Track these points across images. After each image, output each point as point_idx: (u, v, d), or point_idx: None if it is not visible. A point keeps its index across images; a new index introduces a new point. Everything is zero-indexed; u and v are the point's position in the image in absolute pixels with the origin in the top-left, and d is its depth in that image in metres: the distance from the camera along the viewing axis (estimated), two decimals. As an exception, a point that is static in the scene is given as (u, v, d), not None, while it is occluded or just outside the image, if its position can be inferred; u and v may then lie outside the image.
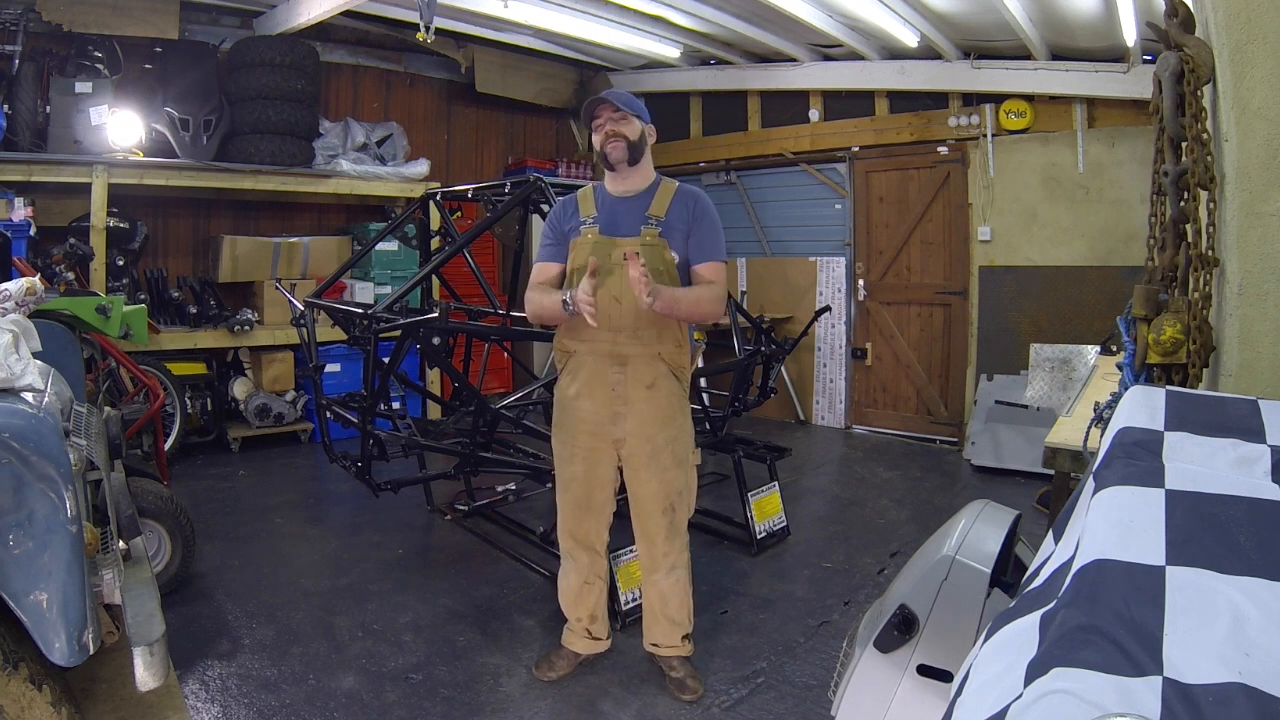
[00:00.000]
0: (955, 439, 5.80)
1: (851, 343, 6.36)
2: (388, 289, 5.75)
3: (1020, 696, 0.78)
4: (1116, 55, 4.83)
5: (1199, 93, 1.75)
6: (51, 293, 3.28)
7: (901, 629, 1.50)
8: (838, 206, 6.38)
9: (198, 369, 5.22)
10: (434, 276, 3.96)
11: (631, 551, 3.05)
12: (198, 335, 5.16)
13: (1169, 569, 0.88)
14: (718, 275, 2.37)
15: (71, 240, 4.53)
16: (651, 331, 2.35)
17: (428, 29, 4.19)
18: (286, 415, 5.47)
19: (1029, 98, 5.31)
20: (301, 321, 3.60)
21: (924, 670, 1.48)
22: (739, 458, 3.79)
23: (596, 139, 2.40)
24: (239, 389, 5.43)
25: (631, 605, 3.00)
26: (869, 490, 4.86)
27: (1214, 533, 0.93)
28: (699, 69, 6.77)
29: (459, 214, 6.05)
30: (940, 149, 5.75)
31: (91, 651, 1.71)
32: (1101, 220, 5.12)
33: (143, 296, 5.02)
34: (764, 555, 3.72)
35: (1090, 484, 1.12)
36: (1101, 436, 1.34)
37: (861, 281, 6.24)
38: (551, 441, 2.59)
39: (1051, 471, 2.12)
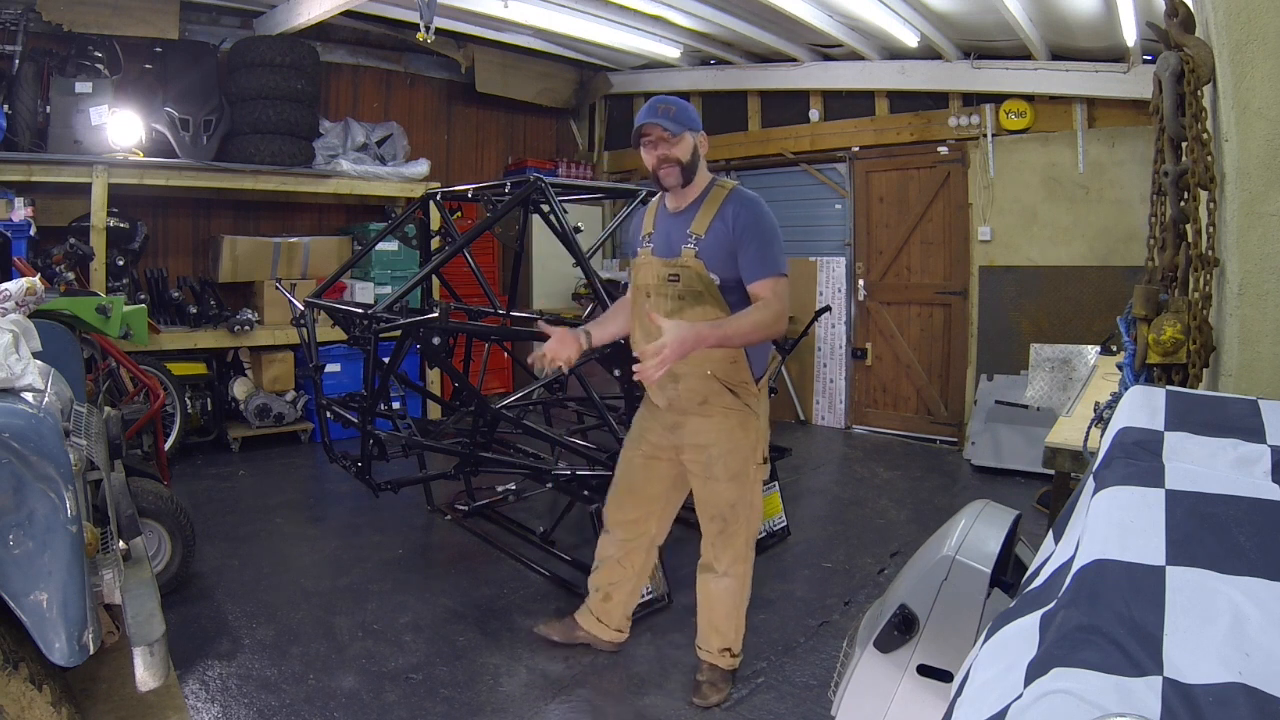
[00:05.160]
0: (955, 439, 5.80)
1: (851, 343, 6.36)
2: (388, 289, 5.75)
3: (1020, 696, 0.78)
4: (1116, 55, 4.83)
5: (1199, 93, 1.74)
6: (51, 293, 3.29)
7: (901, 629, 1.51)
8: (838, 206, 6.38)
9: (198, 369, 5.22)
10: (434, 276, 3.96)
11: None
12: (198, 335, 5.16)
13: (1169, 569, 0.88)
14: (772, 291, 2.22)
15: (71, 240, 4.53)
16: (699, 351, 2.26)
17: (428, 29, 4.19)
18: (286, 415, 5.47)
19: (1029, 98, 5.30)
20: (301, 321, 3.60)
21: (924, 670, 1.48)
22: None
23: (647, 159, 2.31)
24: (239, 389, 5.43)
25: (640, 600, 2.99)
26: (869, 490, 4.86)
27: (1214, 533, 0.93)
28: (699, 69, 6.76)
29: (459, 214, 6.05)
30: (940, 149, 5.75)
31: (91, 651, 1.71)
32: (1101, 220, 5.12)
33: (143, 296, 5.01)
34: (764, 555, 3.71)
35: (1090, 484, 1.12)
36: (1101, 436, 1.34)
37: (861, 281, 6.24)
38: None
39: (1051, 471, 2.13)
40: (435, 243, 4.54)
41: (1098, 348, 4.17)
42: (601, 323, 2.58)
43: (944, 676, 1.46)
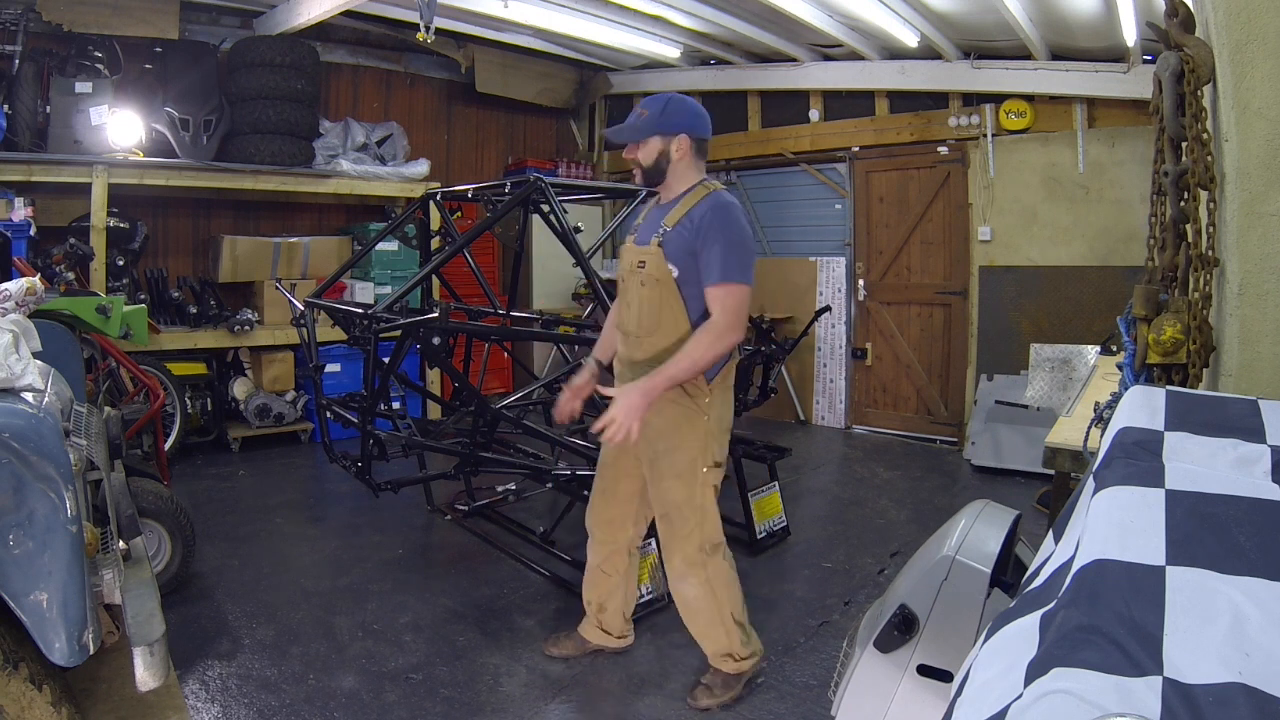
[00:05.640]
0: (955, 439, 5.79)
1: (851, 343, 6.36)
2: (388, 289, 5.75)
3: (1020, 696, 0.78)
4: (1116, 55, 4.83)
5: (1199, 93, 1.75)
6: (51, 293, 3.28)
7: (901, 629, 1.51)
8: (838, 206, 6.38)
9: (198, 369, 5.22)
10: (434, 276, 3.96)
11: (650, 546, 3.05)
12: (198, 335, 5.16)
13: (1169, 569, 0.88)
14: (722, 302, 2.23)
15: (71, 240, 4.53)
16: (654, 339, 2.34)
17: (428, 29, 4.19)
18: (286, 415, 5.47)
19: (1029, 98, 5.30)
20: (301, 321, 3.60)
21: (924, 670, 1.48)
22: (739, 458, 3.79)
23: None
24: (239, 389, 5.43)
25: (640, 600, 3.00)
26: (869, 490, 4.86)
27: (1214, 533, 0.93)
28: (699, 69, 6.76)
29: (459, 214, 6.05)
30: (940, 149, 5.75)
31: (91, 651, 1.71)
32: (1101, 220, 5.12)
33: (143, 296, 5.01)
34: (764, 555, 3.72)
35: (1090, 484, 1.12)
36: (1101, 436, 1.34)
37: (861, 281, 6.24)
38: None
39: (1051, 471, 2.12)
40: (435, 243, 4.53)
41: (1098, 348, 4.17)
42: (602, 345, 2.66)
43: (944, 676, 1.46)
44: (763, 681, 2.66)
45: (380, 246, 5.35)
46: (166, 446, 4.57)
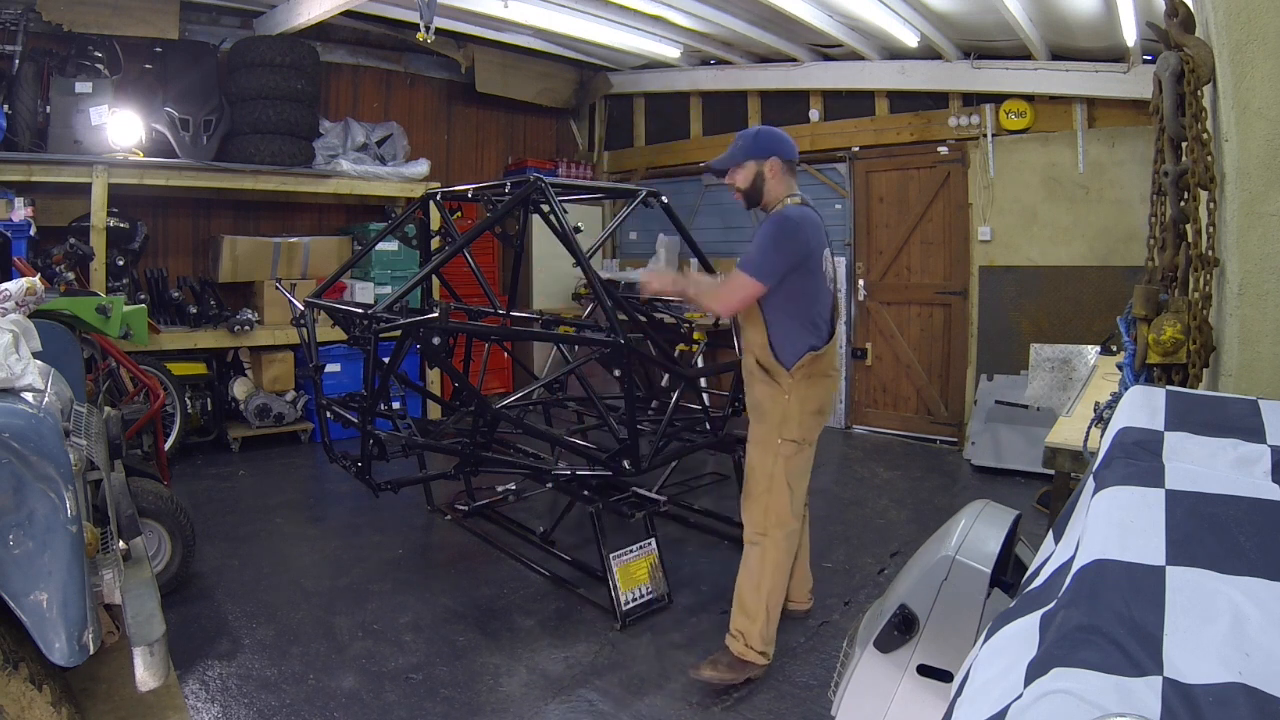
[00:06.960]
0: (955, 439, 5.79)
1: (851, 343, 6.36)
2: (388, 289, 5.75)
3: (1020, 696, 0.78)
4: (1116, 55, 4.83)
5: (1199, 93, 1.75)
6: (51, 293, 3.29)
7: (901, 629, 1.51)
8: (838, 206, 6.37)
9: (198, 369, 5.22)
10: (434, 276, 3.96)
11: (631, 551, 3.06)
12: (198, 335, 5.16)
13: (1169, 569, 0.89)
14: (732, 277, 2.60)
15: (71, 240, 4.53)
16: (745, 333, 2.72)
17: (428, 29, 4.19)
18: (286, 415, 5.47)
19: (1029, 98, 5.30)
20: (301, 321, 3.60)
21: (924, 670, 1.48)
22: (739, 458, 3.79)
23: None
24: (239, 389, 5.43)
25: (631, 605, 3.00)
26: (869, 490, 4.85)
27: (1214, 533, 0.93)
28: (699, 69, 6.76)
29: (459, 214, 6.05)
30: (940, 149, 5.75)
31: (91, 651, 1.71)
32: (1101, 220, 5.12)
33: (143, 296, 5.01)
34: (764, 555, 3.71)
35: (1090, 484, 1.12)
36: (1101, 436, 1.34)
37: (861, 281, 6.24)
38: None
39: (1051, 471, 2.13)
40: (435, 243, 4.53)
41: (1098, 348, 4.17)
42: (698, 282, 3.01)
43: (944, 676, 1.46)
44: (763, 681, 2.65)
45: (380, 246, 5.35)
46: (166, 446, 4.57)
